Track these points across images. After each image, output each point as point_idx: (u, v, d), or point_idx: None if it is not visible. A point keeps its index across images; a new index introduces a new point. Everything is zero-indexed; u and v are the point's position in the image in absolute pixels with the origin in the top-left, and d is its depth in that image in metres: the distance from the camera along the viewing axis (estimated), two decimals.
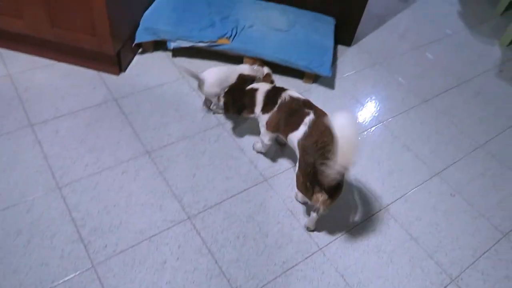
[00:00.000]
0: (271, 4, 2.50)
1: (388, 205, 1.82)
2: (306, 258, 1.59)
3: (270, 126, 1.71)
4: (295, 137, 1.56)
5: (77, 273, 1.41)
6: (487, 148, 2.17)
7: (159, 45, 2.32)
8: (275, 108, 1.67)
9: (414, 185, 1.93)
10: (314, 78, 2.34)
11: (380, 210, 1.79)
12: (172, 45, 2.22)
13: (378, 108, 2.30)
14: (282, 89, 1.72)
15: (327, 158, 1.34)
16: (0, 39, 2.15)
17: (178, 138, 1.92)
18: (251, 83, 1.92)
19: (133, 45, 2.22)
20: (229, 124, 2.03)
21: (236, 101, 1.80)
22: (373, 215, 1.77)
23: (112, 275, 1.43)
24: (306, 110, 1.58)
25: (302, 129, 1.53)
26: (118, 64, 2.14)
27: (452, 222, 1.80)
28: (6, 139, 1.77)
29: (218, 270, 1.51)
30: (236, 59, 2.30)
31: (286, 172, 1.87)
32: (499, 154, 2.15)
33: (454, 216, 1.83)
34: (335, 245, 1.65)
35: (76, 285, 1.39)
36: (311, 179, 1.45)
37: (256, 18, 2.38)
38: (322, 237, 1.67)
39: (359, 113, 2.25)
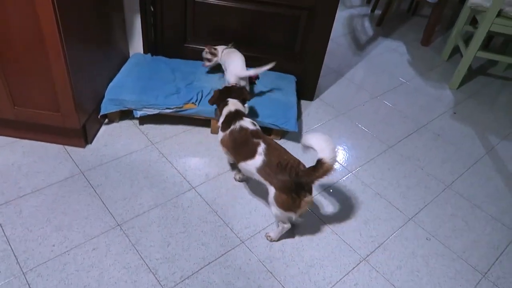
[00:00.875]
0: None
1: (367, 255, 1.81)
2: None
3: (223, 142, 1.89)
4: (252, 166, 1.71)
5: None
6: (455, 188, 2.24)
7: (125, 114, 2.33)
8: (227, 131, 1.85)
9: (391, 232, 1.93)
10: (282, 134, 2.40)
11: (361, 262, 1.77)
12: (138, 113, 2.23)
13: (346, 158, 2.35)
14: (239, 116, 1.86)
15: (296, 170, 1.59)
16: None
17: (150, 206, 1.87)
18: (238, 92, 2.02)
19: (99, 116, 2.22)
20: (202, 188, 2.01)
21: (220, 97, 1.97)
22: (353, 268, 1.75)
23: None
24: (255, 141, 1.74)
25: (259, 158, 1.69)
26: (83, 137, 2.12)
27: (432, 267, 1.80)
28: None
29: None
30: (204, 122, 2.34)
31: (263, 231, 1.84)
32: (467, 193, 2.22)
33: (433, 260, 1.83)
34: None
35: None
36: (295, 190, 1.59)
37: (220, 82, 2.46)
38: None
39: None
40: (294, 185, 1.58)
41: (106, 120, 2.32)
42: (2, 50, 1.76)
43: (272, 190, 1.65)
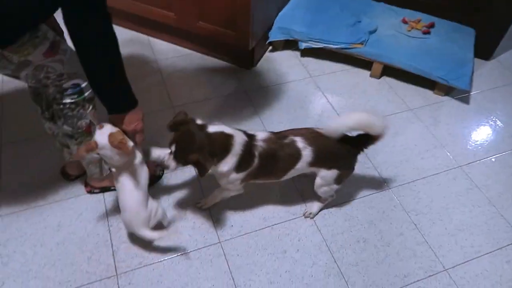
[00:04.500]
0: (407, 10, 2.42)
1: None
2: (429, 276, 1.50)
3: (247, 179, 1.46)
4: (301, 166, 1.42)
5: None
6: None
7: (288, 44, 2.39)
8: (253, 166, 1.41)
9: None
10: (447, 91, 2.21)
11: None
12: (303, 45, 2.26)
13: None
14: (252, 140, 1.36)
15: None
16: (147, 28, 2.40)
17: None
18: None
19: (267, 42, 2.31)
20: None
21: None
22: (509, 245, 1.60)
23: (236, 253, 1.49)
24: (287, 141, 1.40)
25: (306, 152, 1.39)
26: (250, 59, 2.25)
27: None
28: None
29: (336, 270, 1.49)
30: (366, 65, 2.27)
31: (412, 183, 1.78)
32: None
33: None
34: (463, 269, 1.53)
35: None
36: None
37: (390, 24, 2.33)
38: (449, 257, 1.56)
39: (494, 135, 2.06)
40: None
41: (270, 48, 2.41)
42: None
43: (332, 173, 1.45)
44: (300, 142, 1.37)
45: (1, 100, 1.99)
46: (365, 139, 1.42)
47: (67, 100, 1.32)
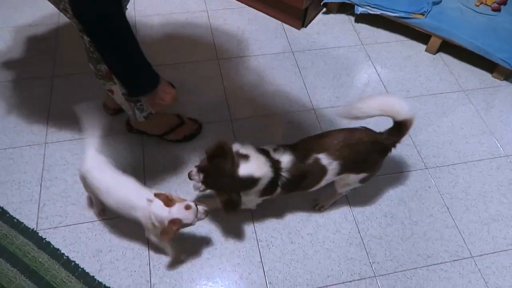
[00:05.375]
0: None
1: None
2: (454, 261, 1.47)
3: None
4: (329, 178, 1.34)
5: None
6: None
7: (344, 7, 2.28)
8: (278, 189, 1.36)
9: None
10: (507, 75, 2.06)
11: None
12: (359, 10, 2.16)
13: None
14: (276, 164, 1.28)
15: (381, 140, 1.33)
16: None
17: (345, 103, 1.90)
18: None
19: (322, 3, 2.23)
20: None
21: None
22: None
23: (262, 213, 1.53)
24: (310, 162, 1.29)
25: (332, 167, 1.29)
26: (302, 19, 2.18)
27: None
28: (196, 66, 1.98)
29: (359, 240, 1.50)
30: (423, 38, 2.15)
31: (451, 166, 1.72)
32: None
33: None
34: (491, 259, 1.49)
35: None
36: None
37: None
38: (477, 245, 1.51)
39: None
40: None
41: (325, 9, 2.32)
42: None
43: (360, 176, 1.37)
44: (324, 159, 1.27)
45: (56, 32, 2.07)
46: (396, 132, 1.30)
47: (86, 38, 1.27)
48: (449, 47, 2.10)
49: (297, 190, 1.35)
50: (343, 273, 1.42)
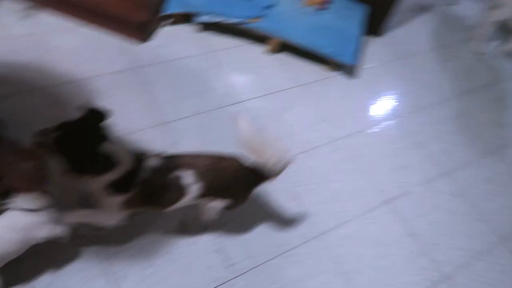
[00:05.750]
0: None
1: (391, 199, 1.84)
2: (304, 243, 1.64)
3: (129, 205, 1.31)
4: (186, 202, 1.33)
5: None
6: (500, 155, 2.17)
7: (186, 18, 2.33)
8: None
9: (422, 182, 1.94)
10: (337, 67, 2.33)
11: (385, 204, 1.82)
12: (201, 19, 2.22)
13: (396, 104, 2.29)
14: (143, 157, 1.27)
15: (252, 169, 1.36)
16: None
17: (194, 112, 1.95)
18: None
19: (162, 15, 2.24)
20: (250, 103, 2.05)
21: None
22: (374, 207, 1.80)
23: None
24: (174, 175, 1.28)
25: (193, 188, 1.29)
26: (144, 33, 2.17)
27: (453, 223, 1.84)
28: None
29: (219, 246, 1.57)
30: (263, 40, 2.30)
31: (296, 156, 1.90)
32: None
33: (457, 216, 1.86)
34: (335, 232, 1.69)
35: None
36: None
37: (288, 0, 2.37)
38: (323, 223, 1.71)
39: (375, 106, 2.25)
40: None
41: (167, 21, 2.34)
42: None
43: (222, 203, 1.38)
44: (188, 177, 1.26)
45: None
46: (258, 175, 1.35)
47: None
48: (288, 47, 2.29)
49: (154, 203, 1.30)
50: (205, 283, 1.47)
